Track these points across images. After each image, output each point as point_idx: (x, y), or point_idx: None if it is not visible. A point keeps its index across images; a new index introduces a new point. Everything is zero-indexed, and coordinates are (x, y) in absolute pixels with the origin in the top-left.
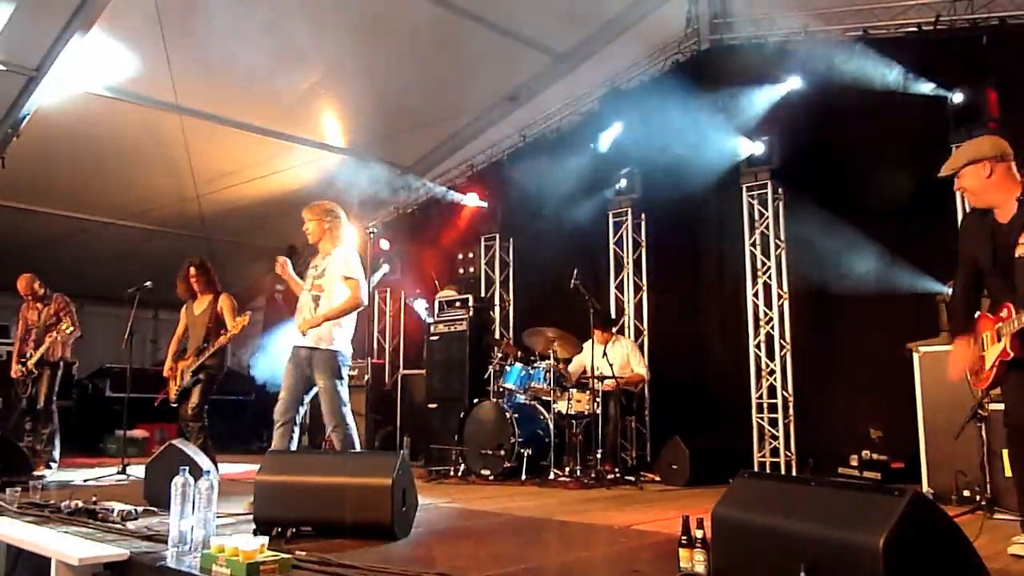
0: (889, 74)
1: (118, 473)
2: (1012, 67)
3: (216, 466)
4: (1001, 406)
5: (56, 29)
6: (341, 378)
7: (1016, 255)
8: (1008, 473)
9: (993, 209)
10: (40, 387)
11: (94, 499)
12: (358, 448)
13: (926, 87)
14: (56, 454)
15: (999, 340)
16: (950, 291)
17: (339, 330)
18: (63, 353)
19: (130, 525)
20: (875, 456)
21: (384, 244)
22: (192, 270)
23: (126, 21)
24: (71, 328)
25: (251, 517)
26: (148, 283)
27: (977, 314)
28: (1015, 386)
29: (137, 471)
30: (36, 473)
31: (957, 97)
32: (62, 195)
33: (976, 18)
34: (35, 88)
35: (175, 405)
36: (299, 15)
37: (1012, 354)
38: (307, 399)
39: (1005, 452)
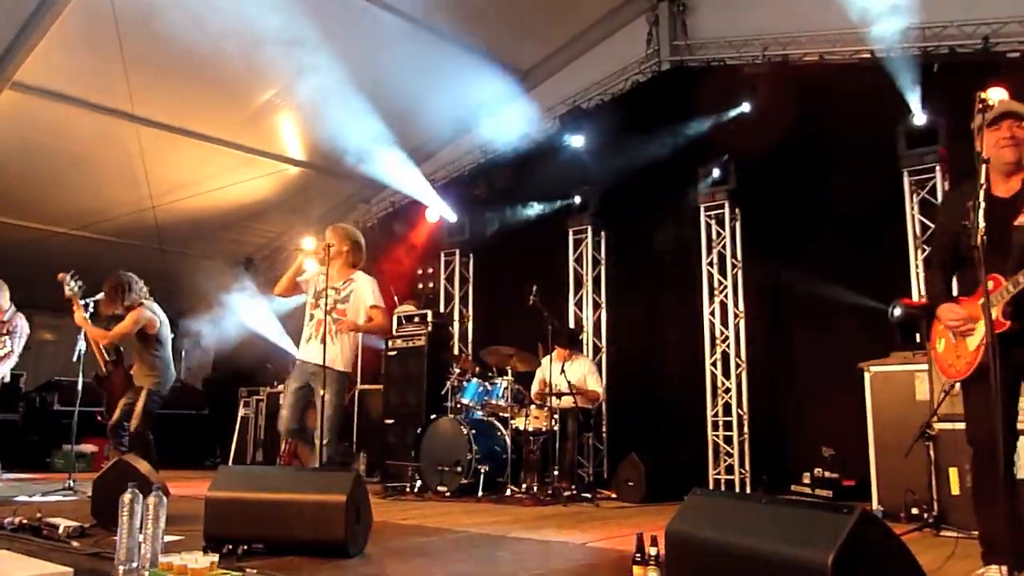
0: (844, 99)
1: (64, 488)
2: (960, 95)
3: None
4: (949, 425)
5: (10, 34)
6: (343, 398)
7: (1015, 224)
8: (955, 491)
9: (988, 182)
10: None
11: (39, 515)
12: None
13: (879, 113)
14: None
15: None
16: (892, 310)
17: (349, 354)
18: None
19: (75, 543)
20: (827, 474)
21: None
22: (107, 290)
23: (82, 27)
24: (5, 350)
25: (201, 534)
26: (100, 295)
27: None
28: (981, 392)
29: (85, 486)
30: None
31: (910, 122)
32: (11, 203)
33: (927, 46)
34: None
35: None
36: (260, 26)
37: (1007, 324)
38: None
39: (952, 471)
